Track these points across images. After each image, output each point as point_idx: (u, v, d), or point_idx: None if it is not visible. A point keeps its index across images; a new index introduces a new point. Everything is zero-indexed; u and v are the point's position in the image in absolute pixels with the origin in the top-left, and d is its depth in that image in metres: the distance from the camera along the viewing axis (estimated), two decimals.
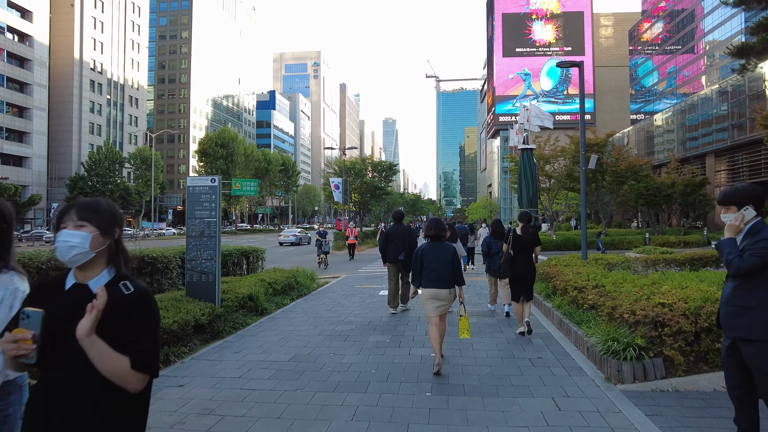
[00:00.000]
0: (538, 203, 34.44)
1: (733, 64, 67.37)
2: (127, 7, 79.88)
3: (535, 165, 10.94)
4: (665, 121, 69.82)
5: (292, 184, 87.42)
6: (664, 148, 61.52)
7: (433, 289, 5.24)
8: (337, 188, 30.09)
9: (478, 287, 11.36)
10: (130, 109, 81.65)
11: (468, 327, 5.35)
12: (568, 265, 8.92)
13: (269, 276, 9.65)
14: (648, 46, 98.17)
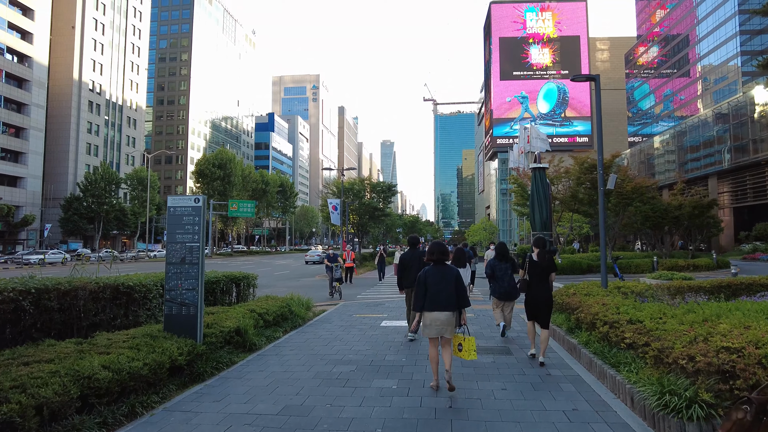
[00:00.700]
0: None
1: (731, 88, 67.84)
2: (128, 30, 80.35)
3: (548, 185, 10.20)
4: (664, 143, 69.74)
5: (290, 206, 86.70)
6: (665, 169, 61.22)
7: (436, 312, 5.26)
8: (335, 210, 29.32)
9: (488, 317, 10.49)
10: (128, 130, 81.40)
11: (474, 348, 5.34)
12: (590, 294, 8.10)
13: (260, 305, 8.79)
14: (644, 70, 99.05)
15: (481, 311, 11.34)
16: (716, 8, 73.05)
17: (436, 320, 5.24)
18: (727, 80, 70.59)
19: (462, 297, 5.35)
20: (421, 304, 5.35)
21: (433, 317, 5.25)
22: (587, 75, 9.36)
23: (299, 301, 10.30)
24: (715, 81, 74.30)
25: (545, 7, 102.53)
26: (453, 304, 5.28)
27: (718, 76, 73.54)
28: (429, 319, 5.28)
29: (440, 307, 5.23)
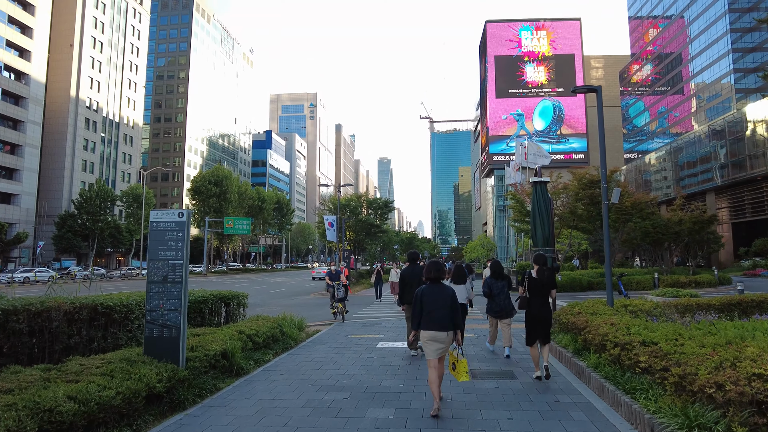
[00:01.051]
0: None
1: (725, 105, 68.26)
2: (126, 48, 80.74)
3: (549, 200, 9.85)
4: (659, 159, 69.93)
5: (286, 223, 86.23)
6: (661, 185, 61.23)
7: (432, 332, 5.25)
8: (331, 226, 28.91)
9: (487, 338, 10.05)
10: (124, 147, 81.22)
11: (467, 370, 5.37)
12: (597, 314, 7.71)
13: (250, 326, 8.34)
14: (638, 87, 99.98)
15: (481, 331, 10.91)
16: (708, 27, 74.03)
17: (436, 338, 5.23)
18: (720, 97, 71.17)
19: (457, 317, 5.33)
20: (417, 322, 5.39)
21: (431, 336, 5.25)
22: (588, 86, 9.12)
23: (291, 321, 9.85)
24: (708, 98, 74.93)
25: (540, 26, 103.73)
26: (449, 323, 5.24)
27: (712, 93, 74.18)
28: (426, 337, 5.29)
29: (436, 326, 5.24)
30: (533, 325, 6.61)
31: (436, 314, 5.25)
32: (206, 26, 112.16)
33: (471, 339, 9.83)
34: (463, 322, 8.41)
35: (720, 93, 71.58)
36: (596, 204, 24.35)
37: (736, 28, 68.90)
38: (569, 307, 8.89)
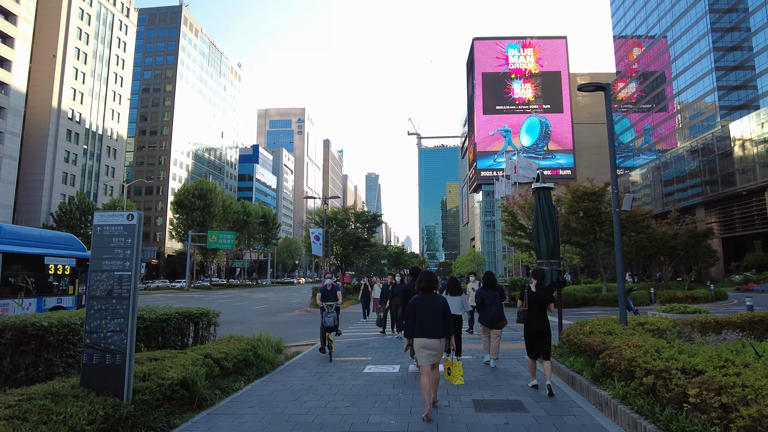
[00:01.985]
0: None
1: (709, 123, 68.95)
2: (111, 60, 79.59)
3: (554, 207, 8.99)
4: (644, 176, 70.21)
5: (272, 237, 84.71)
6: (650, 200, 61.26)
7: (425, 339, 5.41)
8: (317, 239, 27.87)
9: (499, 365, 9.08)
10: (107, 160, 79.54)
11: (461, 373, 5.65)
12: (612, 333, 6.81)
13: (219, 349, 7.29)
14: (623, 105, 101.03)
15: (478, 351, 9.94)
16: (691, 45, 75.07)
17: (428, 345, 5.39)
18: (704, 114, 71.93)
19: (448, 324, 5.50)
20: (411, 331, 5.54)
21: (423, 343, 5.40)
22: (596, 84, 8.36)
23: (268, 342, 8.78)
24: (692, 115, 75.78)
25: (527, 43, 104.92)
26: (440, 331, 5.42)
27: (695, 111, 75.02)
28: (418, 345, 5.43)
29: (428, 334, 5.40)
30: (532, 339, 6.65)
31: (428, 322, 5.42)
32: (194, 40, 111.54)
33: (469, 362, 8.85)
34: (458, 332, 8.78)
35: (704, 110, 72.38)
36: (590, 217, 23.71)
37: (719, 46, 69.91)
38: (578, 326, 7.99)
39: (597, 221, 23.67)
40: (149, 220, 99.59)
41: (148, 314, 7.25)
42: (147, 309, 7.58)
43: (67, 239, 15.51)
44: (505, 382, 7.07)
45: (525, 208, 24.51)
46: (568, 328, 8.11)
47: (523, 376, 7.49)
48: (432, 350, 5.36)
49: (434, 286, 5.74)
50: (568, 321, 14.56)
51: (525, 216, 24.75)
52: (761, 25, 63.17)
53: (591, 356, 6.61)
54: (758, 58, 64.46)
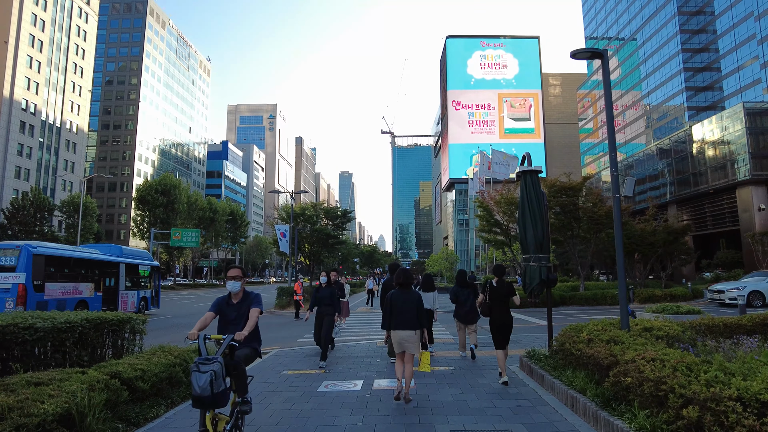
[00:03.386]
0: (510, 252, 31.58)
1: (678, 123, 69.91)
2: (70, 49, 75.73)
3: (543, 194, 7.79)
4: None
5: (241, 235, 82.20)
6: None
7: (403, 331, 5.84)
8: (283, 236, 26.30)
9: (471, 372, 7.82)
10: (66, 154, 75.73)
11: (428, 361, 6.29)
12: (617, 342, 5.64)
13: (136, 365, 5.80)
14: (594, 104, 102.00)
15: (455, 361, 8.69)
16: (660, 47, 76.11)
17: (405, 338, 5.81)
18: (672, 114, 73.00)
19: (423, 318, 5.93)
20: (388, 323, 5.94)
21: (401, 336, 5.81)
22: (593, 49, 7.21)
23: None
24: (660, 117, 76.89)
25: (500, 42, 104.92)
26: (415, 323, 5.85)
27: (663, 111, 76.11)
28: (397, 337, 5.85)
29: (404, 326, 5.81)
30: (496, 329, 7.04)
31: (405, 315, 5.82)
32: (161, 32, 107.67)
33: (445, 374, 7.59)
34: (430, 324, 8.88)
35: (672, 111, 73.48)
36: (567, 213, 22.87)
37: (687, 48, 71.00)
38: (572, 332, 6.79)
39: (574, 217, 22.86)
40: (112, 218, 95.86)
41: (42, 322, 5.71)
42: (44, 316, 6.03)
43: (145, 253, 23.65)
44: (489, 403, 5.81)
45: (501, 204, 23.52)
46: (560, 334, 6.93)
47: (510, 394, 6.26)
48: (408, 341, 5.78)
49: (411, 282, 6.21)
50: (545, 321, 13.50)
51: (501, 212, 23.79)
52: (727, 27, 64.31)
53: (594, 371, 5.41)
54: (724, 60, 65.64)
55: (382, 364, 8.33)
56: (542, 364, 6.80)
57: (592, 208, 22.48)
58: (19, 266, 14.58)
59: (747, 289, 18.29)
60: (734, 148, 39.19)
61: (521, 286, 28.21)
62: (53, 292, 15.67)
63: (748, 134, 38.45)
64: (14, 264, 14.59)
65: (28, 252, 14.85)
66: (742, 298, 12.61)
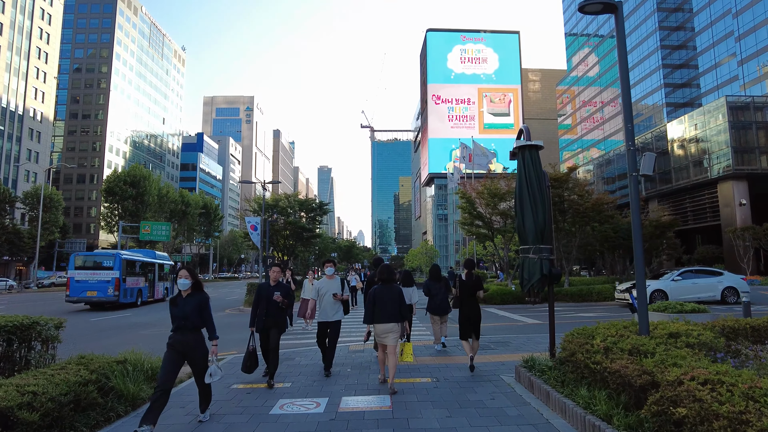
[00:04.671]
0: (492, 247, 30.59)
1: (657, 119, 70.19)
2: (33, 33, 72.08)
3: (544, 174, 6.60)
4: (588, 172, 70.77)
5: (215, 229, 79.80)
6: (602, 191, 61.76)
7: (386, 324, 6.18)
8: (254, 229, 24.81)
9: (457, 384, 6.61)
10: (29, 143, 72.24)
11: (411, 351, 6.67)
12: (644, 352, 4.50)
13: (28, 386, 4.38)
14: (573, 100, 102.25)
15: (440, 370, 7.47)
16: (639, 43, 76.32)
17: (387, 328, 6.19)
18: (651, 111, 73.37)
19: (404, 310, 6.35)
20: (371, 317, 6.27)
21: (385, 328, 6.19)
22: (604, 1, 6.05)
23: (135, 364, 5.93)
24: (639, 113, 77.27)
25: (480, 37, 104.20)
26: (397, 316, 6.23)
27: (642, 107, 76.48)
28: (381, 329, 6.21)
29: (387, 319, 6.18)
30: (465, 321, 7.34)
31: (389, 309, 6.21)
32: (132, 18, 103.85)
33: (430, 388, 6.36)
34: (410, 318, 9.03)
35: (650, 108, 73.86)
36: (552, 205, 21.89)
37: (666, 44, 71.29)
38: (581, 337, 5.61)
39: (559, 210, 21.96)
40: (81, 211, 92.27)
41: None
42: None
43: (166, 255, 30.87)
44: (485, 431, 4.59)
45: (484, 195, 22.44)
46: (566, 340, 5.76)
47: (509, 417, 5.05)
48: (390, 332, 6.10)
49: (393, 278, 6.51)
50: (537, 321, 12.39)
51: (484, 204, 22.72)
52: (705, 24, 64.64)
53: (620, 391, 4.24)
54: (701, 58, 66.07)
55: (353, 375, 7.04)
56: (546, 377, 5.61)
57: (578, 201, 21.59)
58: (114, 267, 22.14)
59: (650, 288, 17.30)
60: (716, 143, 39.02)
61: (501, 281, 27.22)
62: (129, 283, 23.01)
63: (730, 128, 38.26)
64: (112, 265, 22.17)
65: (119, 257, 22.60)
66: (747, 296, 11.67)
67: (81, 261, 22.50)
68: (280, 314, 6.68)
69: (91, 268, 22.04)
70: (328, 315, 7.20)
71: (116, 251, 23.51)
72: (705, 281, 18.12)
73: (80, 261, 22.48)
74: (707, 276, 18.25)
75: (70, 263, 22.21)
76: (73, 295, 21.58)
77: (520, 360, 6.69)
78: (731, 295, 17.98)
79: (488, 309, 19.16)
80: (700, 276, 18.27)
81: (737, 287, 18.22)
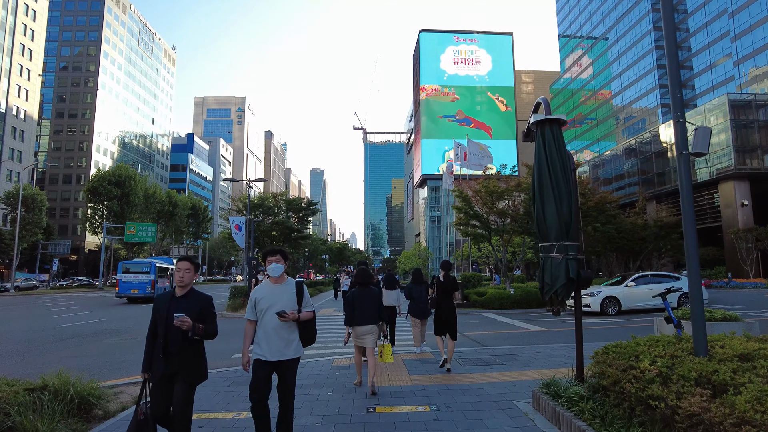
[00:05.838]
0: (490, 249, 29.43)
1: (651, 120, 69.64)
2: (17, 29, 70.25)
3: (570, 157, 5.39)
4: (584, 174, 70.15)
5: (204, 231, 78.18)
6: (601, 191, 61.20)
7: (366, 326, 6.34)
8: (238, 229, 23.53)
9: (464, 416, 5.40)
10: (12, 142, 70.34)
11: (391, 353, 6.46)
12: (733, 388, 3.34)
13: None
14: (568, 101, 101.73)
15: (438, 393, 6.26)
16: (634, 44, 75.86)
17: (368, 332, 6.34)
18: (645, 113, 72.89)
19: (382, 312, 6.51)
20: (350, 319, 6.39)
21: (364, 330, 6.33)
22: None
23: (59, 390, 4.67)
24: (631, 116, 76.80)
25: (473, 38, 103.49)
26: (375, 318, 6.37)
27: (636, 108, 76.02)
28: (360, 331, 6.36)
29: (366, 321, 6.33)
30: (441, 322, 7.67)
31: (367, 311, 6.34)
32: (121, 16, 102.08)
33: (428, 421, 5.14)
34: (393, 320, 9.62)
35: (644, 110, 73.38)
36: None
37: (661, 45, 70.76)
38: (621, 357, 4.41)
39: None
40: (66, 212, 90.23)
41: None
42: None
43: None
44: None
45: (481, 194, 21.27)
46: (600, 360, 4.57)
47: None
48: (368, 334, 6.31)
49: (371, 281, 6.75)
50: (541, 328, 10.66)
51: (481, 203, 21.55)
52: (700, 25, 64.19)
53: None
54: (696, 59, 65.60)
55: (334, 401, 5.78)
56: (578, 410, 4.39)
57: (580, 200, 20.49)
58: (150, 272, 28.47)
59: (601, 296, 16.02)
60: (716, 142, 38.27)
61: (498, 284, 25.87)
62: (160, 283, 29.05)
63: (732, 127, 37.45)
64: (148, 270, 28.51)
65: (153, 264, 28.90)
66: (595, 305, 10.65)
67: (126, 267, 28.96)
68: (189, 350, 3.69)
69: (133, 272, 28.53)
70: (273, 349, 3.97)
71: (151, 260, 30.29)
72: (661, 287, 16.88)
73: (125, 267, 28.94)
74: (664, 281, 16.88)
75: (118, 269, 29.07)
76: (122, 292, 28.09)
77: (536, 380, 5.51)
78: (689, 302, 16.77)
79: (486, 314, 18.00)
80: (656, 281, 16.94)
81: None
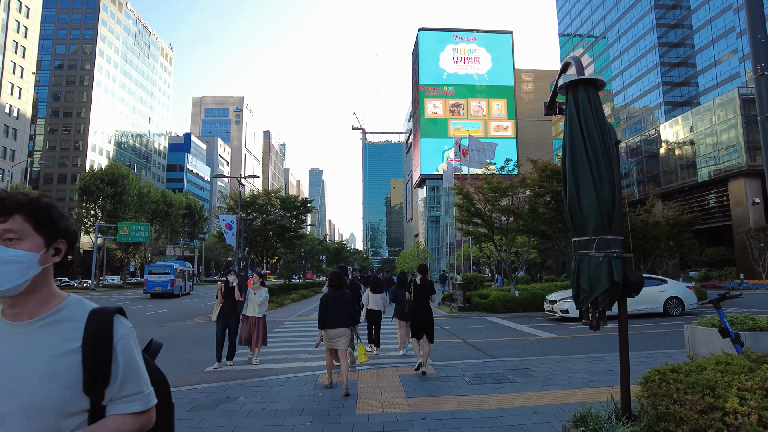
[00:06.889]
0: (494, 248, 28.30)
1: (655, 117, 68.63)
2: (10, 26, 69.11)
3: (611, 129, 4.17)
4: None
5: (200, 231, 76.93)
6: None
7: (335, 329, 6.46)
8: (229, 228, 22.45)
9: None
10: (5, 141, 69.26)
11: (364, 352, 6.94)
12: None
13: None
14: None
15: (447, 424, 5.14)
16: (636, 41, 74.91)
17: (338, 333, 6.44)
18: (649, 111, 71.93)
19: (355, 315, 6.92)
20: (323, 322, 6.48)
21: (337, 332, 6.43)
22: None
23: None
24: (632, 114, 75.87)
25: (473, 37, 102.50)
26: (348, 321, 6.53)
27: (638, 107, 75.11)
28: (333, 334, 6.44)
29: (338, 324, 6.43)
30: (418, 325, 7.62)
31: (342, 314, 6.45)
32: (117, 14, 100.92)
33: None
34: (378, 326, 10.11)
35: (648, 107, 72.44)
36: (559, 201, 19.69)
37: (663, 42, 69.82)
38: (690, 391, 3.26)
39: (561, 208, 19.74)
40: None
41: None
42: None
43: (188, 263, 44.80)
44: None
45: (484, 190, 20.14)
46: (654, 391, 3.42)
47: None
48: (341, 336, 6.39)
49: (344, 284, 6.81)
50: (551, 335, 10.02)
51: (483, 200, 20.42)
52: (704, 21, 63.20)
53: None
54: (700, 56, 64.62)
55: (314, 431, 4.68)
56: None
57: None
58: (171, 273, 34.71)
59: None
60: (726, 138, 37.16)
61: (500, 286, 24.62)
62: (178, 282, 35.45)
63: (743, 123, 36.26)
64: (169, 271, 35.07)
65: (172, 266, 35.50)
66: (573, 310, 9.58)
67: (150, 269, 35.62)
68: None
69: (156, 273, 35.01)
70: None
71: (171, 263, 36.93)
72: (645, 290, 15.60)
73: (150, 269, 35.61)
74: (651, 283, 15.72)
75: (145, 271, 35.95)
76: (148, 289, 34.65)
77: (560, 405, 4.38)
78: (675, 307, 15.55)
79: (490, 318, 16.87)
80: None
81: (682, 297, 15.76)
